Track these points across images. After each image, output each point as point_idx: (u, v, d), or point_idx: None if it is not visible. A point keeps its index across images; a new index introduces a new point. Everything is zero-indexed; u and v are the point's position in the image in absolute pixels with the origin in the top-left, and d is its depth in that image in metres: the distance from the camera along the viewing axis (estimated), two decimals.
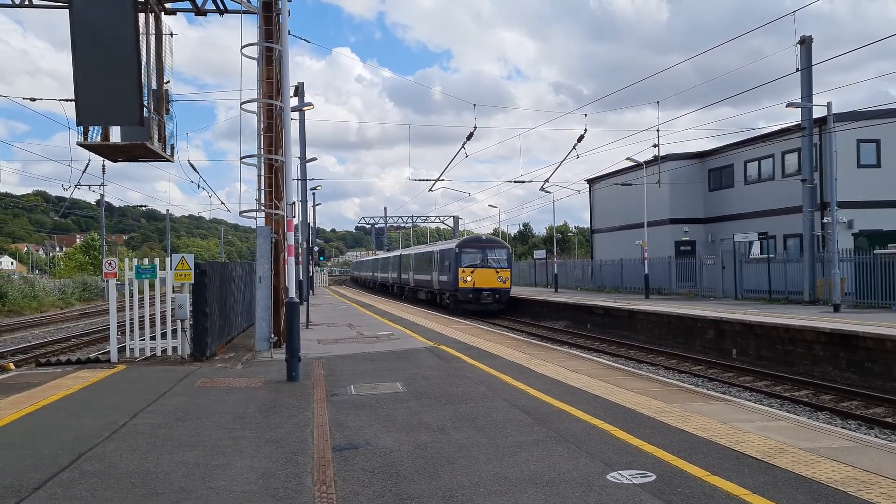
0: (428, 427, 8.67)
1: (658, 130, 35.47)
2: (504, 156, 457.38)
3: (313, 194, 47.80)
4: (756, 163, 37.96)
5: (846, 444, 7.66)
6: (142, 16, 16.12)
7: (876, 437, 11.34)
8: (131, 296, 15.30)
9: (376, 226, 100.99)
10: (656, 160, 36.98)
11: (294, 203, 15.28)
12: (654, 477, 6.44)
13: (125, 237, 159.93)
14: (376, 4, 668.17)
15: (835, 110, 27.07)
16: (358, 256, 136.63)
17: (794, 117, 30.57)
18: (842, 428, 11.03)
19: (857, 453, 7.18)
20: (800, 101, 27.28)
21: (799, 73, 26.10)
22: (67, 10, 14.88)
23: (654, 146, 35.57)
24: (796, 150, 32.54)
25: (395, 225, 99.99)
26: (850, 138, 31.18)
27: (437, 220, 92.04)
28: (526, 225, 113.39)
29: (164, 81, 17.42)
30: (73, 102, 15.16)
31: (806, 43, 26.59)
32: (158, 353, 15.54)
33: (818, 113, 28.34)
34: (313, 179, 47.14)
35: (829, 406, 14.28)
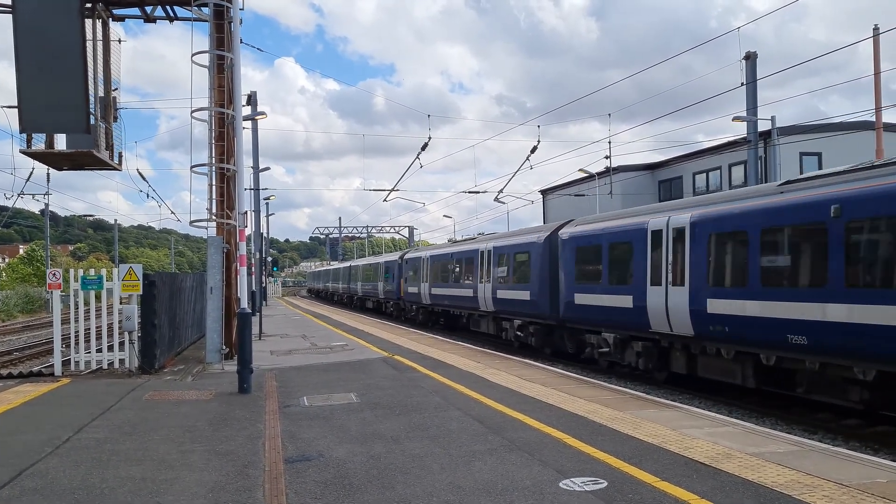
0: (382, 438, 8.63)
1: (610, 142, 36.03)
2: (453, 167, 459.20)
3: (266, 204, 47.28)
4: (704, 175, 38.85)
5: (791, 448, 7.87)
6: (88, 22, 15.81)
7: (819, 441, 11.64)
8: (77, 307, 14.92)
9: (331, 236, 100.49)
10: (608, 171, 37.54)
11: (246, 213, 15.11)
12: (605, 484, 6.51)
13: (71, 247, 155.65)
14: (314, 17, 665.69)
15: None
16: (312, 267, 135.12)
17: (734, 131, 31.55)
18: (787, 433, 11.31)
19: (801, 457, 7.38)
20: (745, 114, 28.02)
21: (744, 87, 26.81)
22: (10, 16, 14.53)
23: (606, 157, 36.11)
24: (742, 162, 33.36)
25: (349, 235, 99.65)
26: (793, 151, 32.15)
27: (393, 230, 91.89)
28: (481, 234, 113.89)
29: (112, 89, 17.10)
30: (16, 109, 14.78)
31: (751, 59, 27.35)
32: (105, 366, 15.14)
33: (762, 127, 29.19)
34: (266, 189, 46.48)
35: (775, 412, 14.61)
